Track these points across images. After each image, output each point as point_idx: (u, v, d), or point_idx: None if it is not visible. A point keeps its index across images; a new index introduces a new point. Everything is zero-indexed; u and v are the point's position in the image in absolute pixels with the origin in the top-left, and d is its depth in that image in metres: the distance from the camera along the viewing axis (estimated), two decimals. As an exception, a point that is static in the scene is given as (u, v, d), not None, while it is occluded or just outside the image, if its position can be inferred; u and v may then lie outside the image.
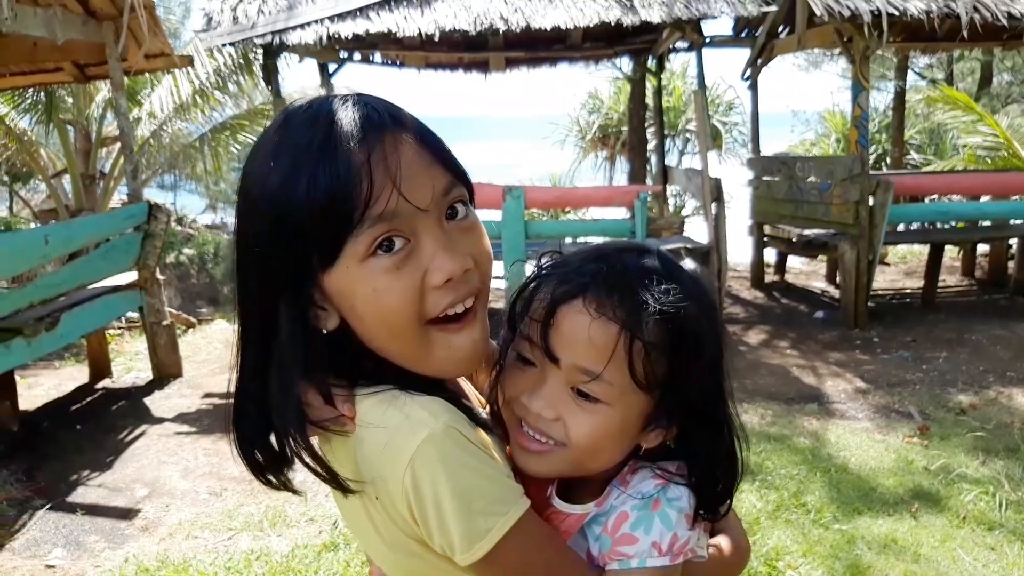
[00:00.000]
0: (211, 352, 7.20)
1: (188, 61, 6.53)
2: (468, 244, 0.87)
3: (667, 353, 0.91)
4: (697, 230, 8.11)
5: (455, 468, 0.81)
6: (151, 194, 15.85)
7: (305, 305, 0.84)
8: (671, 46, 8.67)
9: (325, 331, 0.86)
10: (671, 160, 12.65)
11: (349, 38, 6.52)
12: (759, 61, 9.00)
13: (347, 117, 0.81)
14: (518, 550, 0.85)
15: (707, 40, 8.08)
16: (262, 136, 0.87)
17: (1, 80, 6.69)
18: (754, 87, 9.24)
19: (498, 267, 7.18)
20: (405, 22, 6.54)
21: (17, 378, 6.46)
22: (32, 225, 11.60)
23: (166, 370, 6.13)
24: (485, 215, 7.27)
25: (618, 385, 0.90)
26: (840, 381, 5.85)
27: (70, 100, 10.12)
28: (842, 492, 4.00)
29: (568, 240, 7.83)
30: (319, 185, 0.79)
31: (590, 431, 0.92)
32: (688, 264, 1.01)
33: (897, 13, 6.83)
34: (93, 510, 4.19)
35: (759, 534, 3.57)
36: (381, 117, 0.82)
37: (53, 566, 3.66)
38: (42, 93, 9.31)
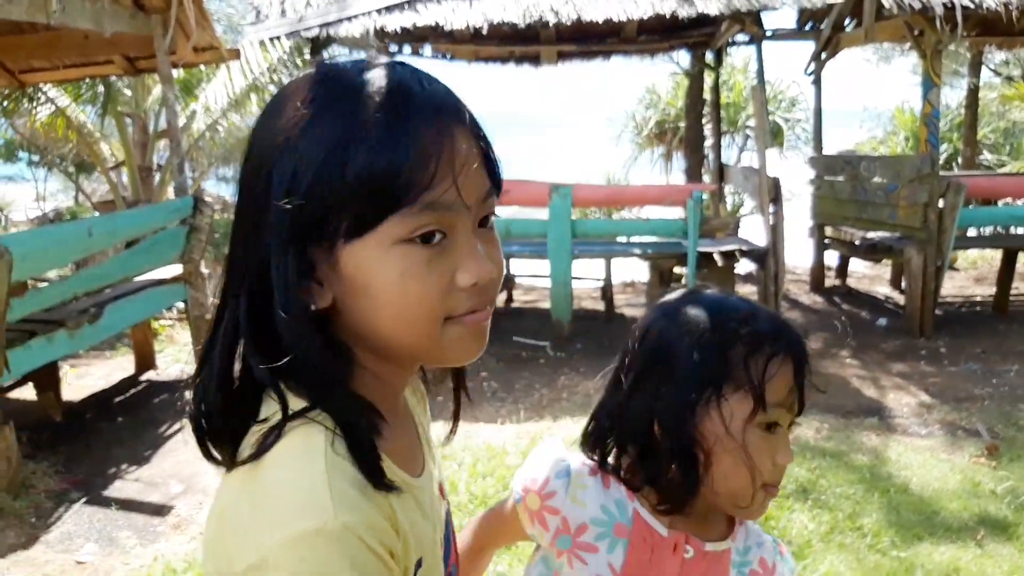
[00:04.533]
0: (257, 346, 7.20)
1: (236, 55, 6.52)
2: (493, 254, 0.82)
3: None
4: (754, 231, 7.82)
5: None
6: (210, 186, 16.19)
7: (304, 273, 0.76)
8: (730, 39, 8.37)
9: (313, 307, 0.77)
10: (730, 157, 12.31)
11: (397, 31, 6.42)
12: (823, 55, 8.64)
13: (423, 94, 0.76)
14: None
15: (768, 33, 7.77)
16: (300, 84, 0.78)
17: (55, 72, 6.80)
18: (817, 82, 8.88)
19: (543, 266, 7.06)
20: (453, 15, 6.41)
21: (68, 367, 6.57)
22: (95, 215, 11.85)
23: (209, 364, 6.11)
24: (530, 213, 7.14)
25: None
26: (903, 394, 5.54)
27: (128, 93, 10.29)
28: (902, 515, 3.74)
29: (622, 239, 7.63)
30: (380, 156, 0.73)
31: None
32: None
33: (972, 6, 6.45)
34: (128, 505, 4.17)
35: (810, 558, 3.34)
36: (456, 105, 0.78)
37: (84, 562, 3.64)
38: (101, 86, 9.47)
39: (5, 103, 9.92)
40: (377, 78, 0.76)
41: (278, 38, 6.56)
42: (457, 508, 3.75)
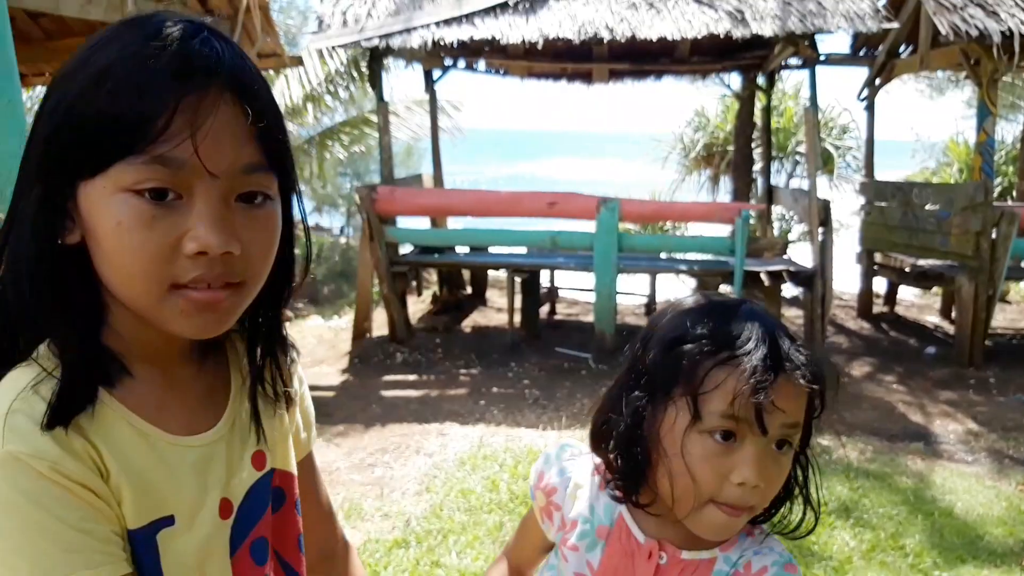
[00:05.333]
0: (304, 346, 7.35)
1: (298, 61, 6.72)
2: (248, 233, 0.78)
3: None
4: (802, 254, 7.78)
5: (7, 505, 0.71)
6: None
7: (53, 205, 0.77)
8: (783, 62, 8.38)
9: (61, 241, 0.78)
10: (779, 183, 12.26)
11: (454, 44, 6.57)
12: (877, 81, 8.61)
13: (185, 48, 0.75)
14: None
15: (822, 58, 7.77)
16: (112, 24, 0.80)
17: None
18: (870, 108, 8.84)
19: (589, 280, 7.11)
20: (509, 29, 6.54)
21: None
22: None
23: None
24: (578, 226, 7.21)
25: (801, 425, 0.99)
26: (950, 421, 5.47)
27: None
28: (945, 538, 3.70)
29: (663, 255, 7.66)
30: (117, 96, 0.73)
31: (780, 482, 0.98)
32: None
33: (1032, 33, 6.40)
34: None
35: (851, 574, 3.33)
36: (220, 66, 0.76)
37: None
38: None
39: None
40: (159, 28, 0.76)
41: (336, 48, 6.75)
42: (498, 506, 3.81)
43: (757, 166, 10.10)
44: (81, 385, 0.77)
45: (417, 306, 8.54)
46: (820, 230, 6.73)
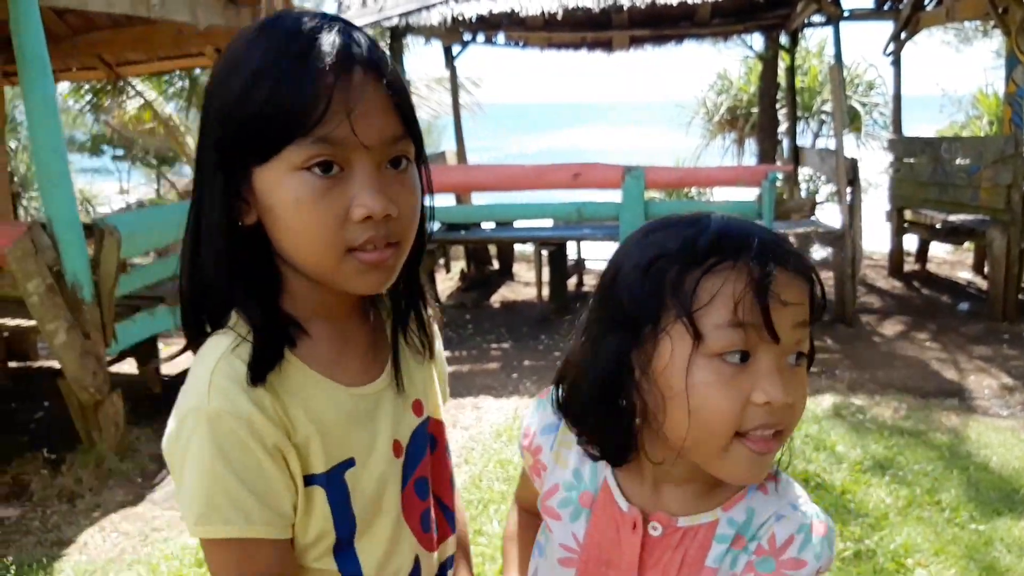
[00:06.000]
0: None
1: (319, 44, 6.76)
2: (399, 194, 0.89)
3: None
4: (830, 215, 7.72)
5: (202, 452, 0.85)
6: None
7: (232, 191, 0.88)
8: (806, 20, 8.26)
9: (241, 223, 0.89)
10: (805, 144, 12.12)
11: (473, 19, 6.56)
12: (903, 35, 8.46)
13: (328, 40, 0.85)
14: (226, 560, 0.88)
15: (846, 13, 7.66)
16: (249, 28, 0.90)
17: (149, 65, 7.17)
18: (897, 63, 8.69)
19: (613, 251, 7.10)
20: (528, 1, 6.52)
21: (161, 345, 6.94)
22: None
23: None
24: (603, 197, 7.22)
25: (808, 327, 0.87)
26: (985, 377, 5.44)
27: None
28: (981, 491, 3.71)
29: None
30: (280, 91, 0.83)
31: (805, 399, 0.86)
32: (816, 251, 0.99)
33: (1063, -22, 6.25)
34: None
35: (887, 530, 3.36)
36: (360, 51, 0.86)
37: (186, 519, 3.88)
38: (187, 80, 9.89)
39: (94, 98, 10.44)
40: (301, 26, 0.86)
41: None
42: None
43: (782, 127, 10.00)
44: (271, 346, 0.89)
45: (445, 283, 8.61)
46: (848, 190, 6.67)
